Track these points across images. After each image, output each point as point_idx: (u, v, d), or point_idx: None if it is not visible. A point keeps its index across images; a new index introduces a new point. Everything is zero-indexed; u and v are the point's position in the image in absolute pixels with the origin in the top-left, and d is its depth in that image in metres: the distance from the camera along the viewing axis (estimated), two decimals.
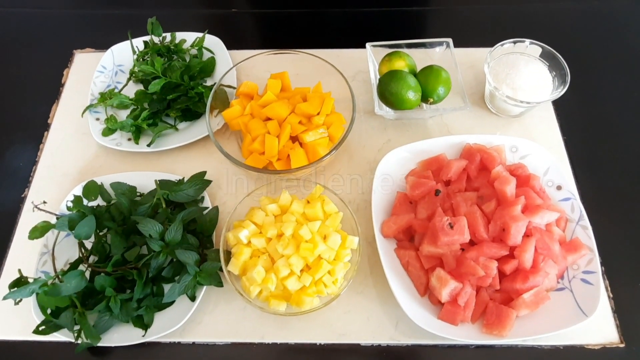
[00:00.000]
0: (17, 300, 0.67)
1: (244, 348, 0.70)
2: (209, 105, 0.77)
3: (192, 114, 0.85)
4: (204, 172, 0.78)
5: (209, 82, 0.90)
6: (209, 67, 0.90)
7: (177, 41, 0.91)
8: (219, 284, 0.68)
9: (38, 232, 0.68)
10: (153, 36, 0.90)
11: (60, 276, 0.69)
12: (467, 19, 1.03)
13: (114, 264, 0.66)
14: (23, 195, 0.82)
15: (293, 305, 0.66)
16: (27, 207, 0.81)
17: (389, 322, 0.70)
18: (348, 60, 0.94)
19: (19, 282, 0.67)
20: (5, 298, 0.65)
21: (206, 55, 0.92)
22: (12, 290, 0.66)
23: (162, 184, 0.75)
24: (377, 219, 0.72)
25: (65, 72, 0.95)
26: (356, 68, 0.94)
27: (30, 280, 0.67)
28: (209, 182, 0.75)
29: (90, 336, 0.63)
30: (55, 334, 0.67)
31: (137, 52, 0.89)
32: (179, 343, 0.70)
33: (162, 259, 0.66)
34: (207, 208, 0.73)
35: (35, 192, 0.82)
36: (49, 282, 0.67)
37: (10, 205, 0.81)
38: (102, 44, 0.97)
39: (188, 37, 0.93)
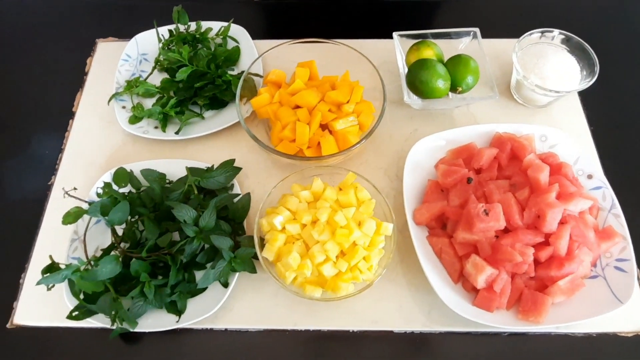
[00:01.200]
0: (50, 286, 0.67)
1: (276, 335, 0.70)
2: (239, 93, 0.76)
3: (218, 102, 0.85)
4: (233, 160, 0.77)
5: (234, 71, 0.89)
6: (234, 56, 0.89)
7: (202, 30, 0.90)
8: (253, 270, 0.68)
9: (71, 217, 0.68)
10: (179, 24, 0.89)
11: (92, 262, 0.69)
12: (490, 10, 1.03)
13: (148, 249, 0.66)
14: (50, 183, 0.82)
15: (328, 291, 0.66)
16: (54, 194, 0.81)
17: (421, 310, 0.70)
18: (371, 51, 0.93)
19: (52, 268, 0.67)
20: (38, 283, 0.65)
21: (230, 44, 0.92)
22: (45, 275, 0.66)
23: (192, 171, 0.75)
24: (409, 207, 0.72)
25: (88, 61, 0.95)
26: (380, 58, 0.94)
27: (62, 267, 0.67)
28: (239, 169, 0.75)
29: (128, 321, 0.63)
30: (89, 319, 0.66)
31: (163, 41, 0.89)
32: (211, 329, 0.70)
33: (197, 245, 0.66)
34: (238, 195, 0.73)
35: (62, 180, 0.82)
36: (82, 267, 0.67)
37: (37, 192, 0.81)
38: (125, 34, 0.97)
39: (213, 26, 0.93)
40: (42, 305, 0.71)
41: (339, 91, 0.77)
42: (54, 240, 0.76)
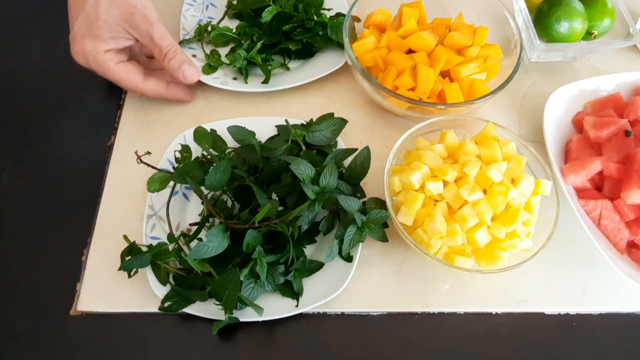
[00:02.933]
0: (133, 272, 0.54)
1: (403, 319, 0.57)
2: (347, 32, 0.64)
3: (305, 51, 0.73)
4: (332, 113, 0.65)
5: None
6: None
7: None
8: (384, 238, 0.55)
9: (157, 183, 0.55)
10: None
11: (181, 240, 0.56)
12: None
13: (262, 219, 0.52)
14: (109, 143, 0.68)
15: (480, 262, 0.54)
16: (115, 157, 0.67)
17: (574, 287, 0.59)
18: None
19: (132, 250, 0.54)
20: (121, 269, 0.53)
21: None
22: (127, 259, 0.53)
23: (295, 127, 0.62)
24: (557, 166, 0.60)
25: None
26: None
27: (144, 249, 0.54)
28: (345, 121, 0.62)
29: (253, 306, 0.50)
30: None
31: None
32: (324, 314, 0.57)
33: (318, 209, 0.53)
34: (355, 150, 0.60)
35: (124, 140, 0.68)
36: (170, 247, 0.54)
37: (96, 154, 0.67)
38: None
39: None
40: (110, 287, 0.57)
41: (461, 33, 0.66)
42: (119, 209, 0.62)
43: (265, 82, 0.69)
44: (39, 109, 0.72)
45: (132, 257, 0.53)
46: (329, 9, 0.74)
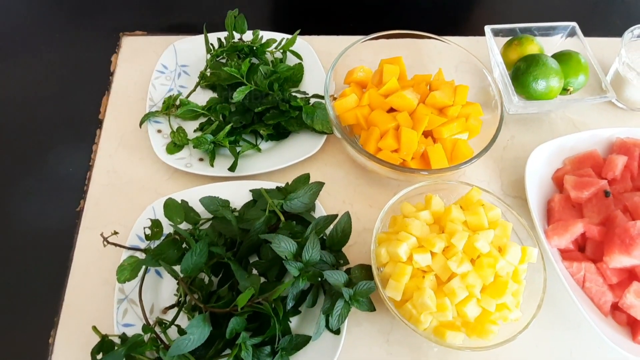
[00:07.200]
0: None
1: None
2: (328, 86, 0.63)
3: (278, 133, 0.69)
4: (308, 175, 0.63)
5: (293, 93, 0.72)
6: (297, 75, 0.74)
7: (263, 41, 0.74)
8: (372, 308, 0.54)
9: (127, 272, 0.52)
10: (234, 32, 0.73)
11: (157, 327, 0.52)
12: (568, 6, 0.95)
13: (228, 301, 0.50)
14: (79, 209, 0.64)
15: (471, 335, 0.53)
16: (85, 223, 0.63)
17: (561, 350, 0.59)
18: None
19: (103, 345, 0.50)
20: None
21: (290, 60, 0.76)
22: (98, 358, 0.49)
23: (270, 193, 0.60)
24: (539, 227, 0.60)
25: (113, 59, 0.78)
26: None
27: (116, 340, 0.51)
28: (322, 184, 0.61)
29: None
30: None
31: (212, 51, 0.72)
32: None
33: (302, 285, 0.51)
34: (335, 217, 0.58)
35: (94, 205, 0.64)
36: (146, 337, 0.51)
37: (63, 221, 0.63)
38: (152, 26, 0.82)
39: (272, 37, 0.75)
40: None
41: (442, 92, 0.66)
42: (90, 282, 0.59)
43: (232, 169, 0.65)
44: None
45: (104, 354, 0.49)
46: (304, 92, 0.72)
